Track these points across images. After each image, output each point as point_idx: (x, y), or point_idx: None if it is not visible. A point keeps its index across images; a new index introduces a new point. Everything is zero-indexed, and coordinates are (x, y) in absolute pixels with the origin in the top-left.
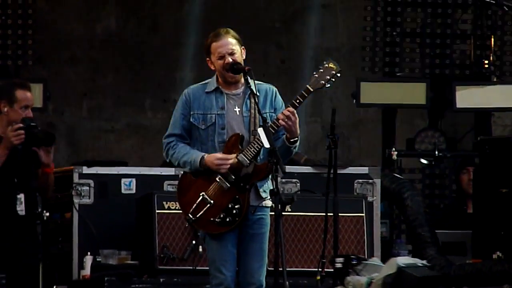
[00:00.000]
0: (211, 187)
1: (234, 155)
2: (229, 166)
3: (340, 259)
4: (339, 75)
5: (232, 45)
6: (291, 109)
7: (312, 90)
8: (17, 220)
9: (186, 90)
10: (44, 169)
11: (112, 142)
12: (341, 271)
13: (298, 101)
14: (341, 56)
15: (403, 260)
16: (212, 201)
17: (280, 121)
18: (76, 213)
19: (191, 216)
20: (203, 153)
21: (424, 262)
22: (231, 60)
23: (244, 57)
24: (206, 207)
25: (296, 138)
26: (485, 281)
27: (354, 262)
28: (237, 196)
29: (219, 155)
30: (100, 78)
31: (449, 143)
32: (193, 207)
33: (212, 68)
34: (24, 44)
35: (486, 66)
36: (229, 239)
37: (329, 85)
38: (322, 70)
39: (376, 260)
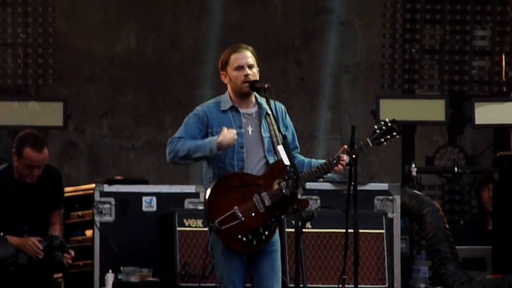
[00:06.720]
0: (245, 204)
1: (235, 131)
2: (233, 139)
3: None
4: (398, 137)
5: (251, 59)
6: (347, 159)
7: (371, 145)
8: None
9: (200, 106)
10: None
11: (133, 160)
12: None
13: (354, 155)
14: (360, 73)
15: None
16: (243, 218)
17: (340, 167)
18: (97, 231)
19: (216, 225)
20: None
21: None
22: (249, 71)
23: (258, 78)
24: (235, 222)
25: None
26: None
27: None
28: (268, 222)
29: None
30: (120, 96)
31: (468, 160)
32: (222, 217)
33: (225, 81)
34: (44, 63)
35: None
36: (237, 255)
37: (386, 143)
38: (384, 128)
39: None
